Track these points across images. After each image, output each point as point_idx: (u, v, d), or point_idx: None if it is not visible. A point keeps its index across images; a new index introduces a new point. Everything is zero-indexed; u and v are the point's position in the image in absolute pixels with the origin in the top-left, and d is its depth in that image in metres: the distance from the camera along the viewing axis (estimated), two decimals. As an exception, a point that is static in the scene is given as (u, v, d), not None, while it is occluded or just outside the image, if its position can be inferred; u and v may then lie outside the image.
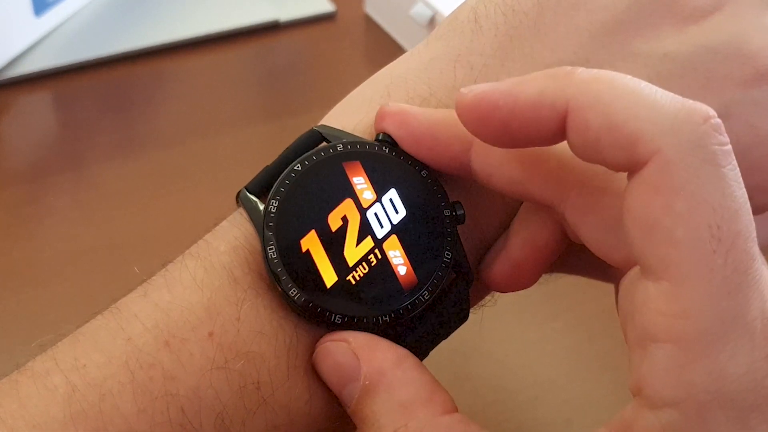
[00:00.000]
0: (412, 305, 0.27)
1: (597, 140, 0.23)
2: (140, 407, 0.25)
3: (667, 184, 0.22)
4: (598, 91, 0.23)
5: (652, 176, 0.22)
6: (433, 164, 0.28)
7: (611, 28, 0.29)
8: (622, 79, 0.23)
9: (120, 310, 0.27)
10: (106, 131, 0.58)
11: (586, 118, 0.23)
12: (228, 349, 0.26)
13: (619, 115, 0.22)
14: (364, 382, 0.25)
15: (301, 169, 0.27)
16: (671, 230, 0.21)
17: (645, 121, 0.22)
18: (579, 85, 0.23)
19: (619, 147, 0.22)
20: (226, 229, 0.28)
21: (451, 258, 0.27)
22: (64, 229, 0.51)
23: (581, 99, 0.23)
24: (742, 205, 0.22)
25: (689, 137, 0.22)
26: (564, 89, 0.23)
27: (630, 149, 0.22)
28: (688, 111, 0.22)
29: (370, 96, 0.30)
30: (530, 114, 0.24)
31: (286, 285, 0.26)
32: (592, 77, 0.23)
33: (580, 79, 0.23)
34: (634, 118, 0.22)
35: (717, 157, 0.22)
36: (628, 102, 0.22)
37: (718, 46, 0.29)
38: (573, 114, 0.23)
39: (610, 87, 0.23)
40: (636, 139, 0.22)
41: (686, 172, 0.21)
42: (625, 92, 0.23)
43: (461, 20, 0.31)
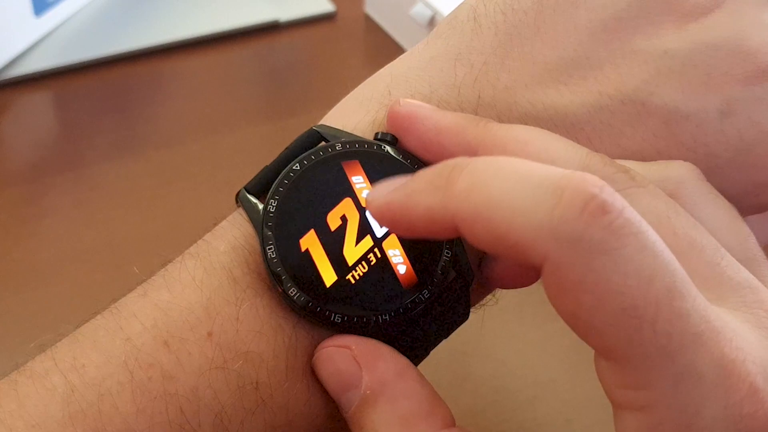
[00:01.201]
0: (412, 304, 0.27)
1: (492, 250, 0.22)
2: (139, 407, 0.25)
3: (565, 284, 0.21)
4: (475, 206, 0.22)
5: (551, 278, 0.21)
6: None
7: (611, 25, 0.29)
8: (498, 181, 0.22)
9: (119, 309, 0.27)
10: (106, 131, 0.58)
11: (473, 232, 0.22)
12: (227, 349, 0.26)
13: (500, 229, 0.21)
14: (365, 391, 0.25)
15: (300, 169, 0.27)
16: (589, 322, 0.21)
17: (524, 230, 0.21)
18: (458, 201, 0.22)
19: (513, 256, 0.22)
20: (226, 229, 0.28)
21: (451, 256, 0.27)
22: (64, 229, 0.51)
23: (462, 216, 0.22)
24: (655, 270, 0.21)
25: (571, 235, 0.21)
26: (447, 206, 0.23)
27: (523, 257, 0.22)
28: (566, 204, 0.21)
29: (369, 95, 0.30)
30: (427, 226, 0.23)
31: (286, 285, 0.26)
32: (469, 187, 0.22)
33: (458, 191, 0.22)
34: (514, 229, 0.21)
35: (607, 244, 0.20)
36: (505, 212, 0.21)
37: (718, 43, 0.29)
38: (461, 228, 0.22)
39: (487, 196, 0.22)
40: (522, 249, 0.21)
41: (578, 270, 0.21)
42: (502, 198, 0.22)
43: (461, 19, 0.31)
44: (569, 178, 0.21)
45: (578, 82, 0.29)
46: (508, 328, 0.47)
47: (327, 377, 0.26)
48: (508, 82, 0.29)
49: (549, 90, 0.29)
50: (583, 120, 0.28)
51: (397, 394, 0.25)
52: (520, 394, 0.44)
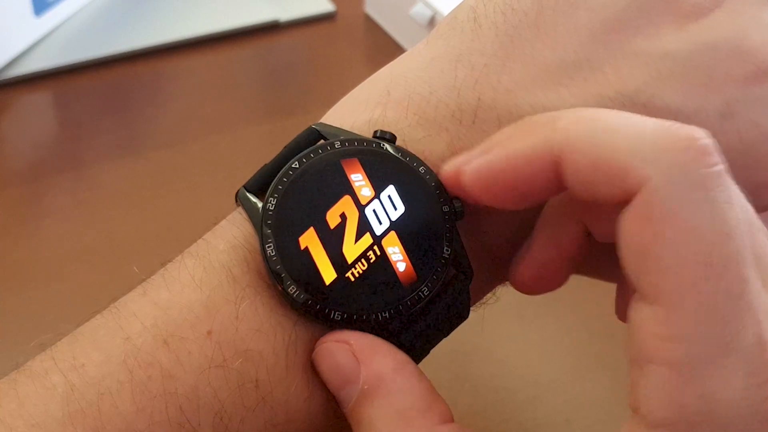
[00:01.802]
0: (411, 301, 0.27)
1: (590, 179, 0.23)
2: (139, 406, 0.25)
3: (655, 212, 0.22)
4: (582, 133, 0.23)
5: (641, 205, 0.22)
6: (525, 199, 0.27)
7: (611, 26, 0.29)
8: (603, 115, 0.24)
9: (119, 309, 0.27)
10: (106, 131, 0.58)
11: (575, 160, 0.23)
12: (226, 347, 0.26)
13: (605, 151, 0.23)
14: (363, 386, 0.25)
15: (299, 167, 0.27)
16: (661, 258, 0.22)
17: (630, 152, 0.22)
18: (563, 131, 0.24)
19: (611, 181, 0.23)
20: (226, 228, 0.28)
21: (450, 253, 0.27)
22: (64, 229, 0.51)
23: (568, 143, 0.23)
24: (734, 228, 0.22)
25: (675, 164, 0.22)
26: (550, 138, 0.24)
27: (621, 182, 0.22)
28: (673, 137, 0.22)
29: (368, 95, 0.30)
30: (530, 171, 0.24)
31: (286, 283, 0.26)
32: (574, 119, 0.24)
33: (562, 124, 0.24)
34: (620, 151, 0.22)
35: (705, 182, 0.22)
36: (611, 136, 0.23)
37: (718, 43, 0.29)
38: (564, 159, 0.23)
39: (593, 125, 0.23)
40: (625, 172, 0.22)
41: (674, 200, 0.21)
42: (608, 127, 0.23)
43: (461, 19, 0.31)
44: (673, 122, 0.23)
45: (579, 85, 0.29)
46: (508, 328, 0.47)
47: (326, 372, 0.26)
48: (508, 85, 0.29)
49: (549, 92, 0.28)
50: None
51: (395, 389, 0.25)
52: (520, 394, 0.44)
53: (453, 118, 0.29)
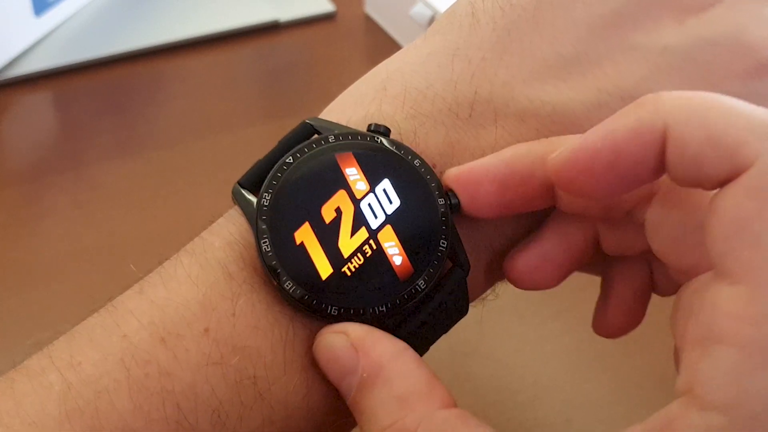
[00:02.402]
0: (408, 295, 0.27)
1: (697, 155, 0.22)
2: (136, 404, 0.25)
3: (763, 189, 0.21)
4: (693, 107, 0.23)
5: (750, 180, 0.22)
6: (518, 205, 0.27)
7: (610, 21, 0.29)
8: (710, 95, 0.23)
9: (116, 307, 0.27)
10: (106, 131, 0.58)
11: (685, 134, 0.23)
12: (224, 344, 0.26)
13: (719, 126, 0.22)
14: (362, 374, 0.25)
15: (293, 162, 0.27)
16: (760, 235, 0.21)
17: (744, 129, 0.22)
18: (672, 105, 0.23)
19: (720, 157, 0.22)
20: (222, 225, 0.28)
21: (447, 247, 0.27)
22: (64, 229, 0.51)
23: (677, 117, 0.23)
24: None
25: None
26: (657, 111, 0.23)
27: (731, 158, 0.22)
28: None
29: (364, 91, 0.30)
30: (633, 146, 0.24)
31: (281, 278, 0.26)
32: (683, 96, 0.23)
33: (671, 99, 0.23)
34: (733, 126, 0.22)
35: None
36: (724, 113, 0.22)
37: (718, 38, 0.28)
38: (672, 132, 0.23)
39: (703, 102, 0.23)
40: (737, 147, 0.22)
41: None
42: (719, 105, 0.23)
43: (459, 14, 0.31)
44: None
45: (577, 79, 0.29)
46: (508, 328, 0.47)
47: (326, 364, 0.26)
48: (505, 78, 0.29)
49: (547, 86, 0.28)
50: (581, 117, 0.28)
51: (393, 375, 0.25)
52: (520, 394, 0.43)
53: (450, 112, 0.29)
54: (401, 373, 0.25)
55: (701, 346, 0.22)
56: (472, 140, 0.28)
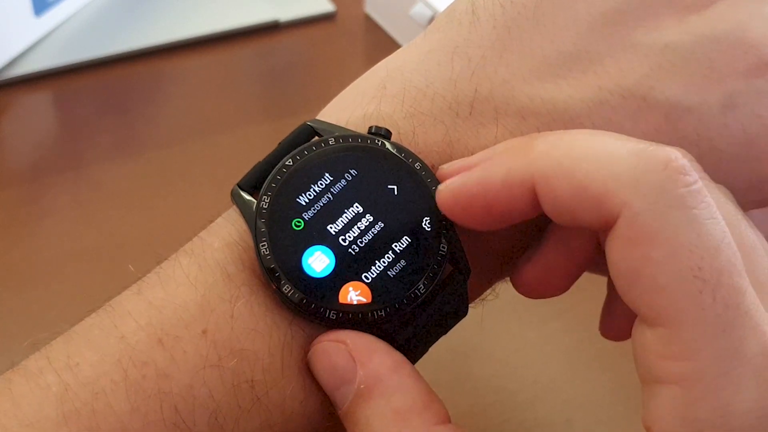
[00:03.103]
0: (407, 299, 0.27)
1: (567, 206, 0.23)
2: (133, 406, 0.25)
3: (639, 235, 0.22)
4: (557, 159, 0.23)
5: (624, 230, 0.22)
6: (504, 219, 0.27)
7: (611, 18, 0.29)
8: (579, 140, 0.24)
9: (113, 308, 0.27)
10: (106, 131, 0.58)
11: (552, 187, 0.23)
12: (222, 346, 0.25)
13: (582, 179, 0.23)
14: (359, 385, 0.25)
15: (292, 164, 0.27)
16: (654, 278, 0.22)
17: (607, 178, 0.22)
18: (539, 158, 0.24)
19: (589, 208, 0.23)
20: (221, 226, 0.28)
21: (447, 250, 0.27)
22: (64, 229, 0.51)
23: (544, 171, 0.24)
24: (721, 241, 0.22)
25: (652, 186, 0.22)
26: (527, 164, 0.24)
27: (599, 209, 0.22)
28: (648, 159, 0.22)
29: (364, 90, 0.30)
30: (505, 195, 0.25)
31: (280, 281, 0.26)
32: (550, 146, 0.24)
33: (538, 151, 0.24)
34: (596, 178, 0.22)
35: (684, 200, 0.22)
36: (587, 163, 0.23)
37: (720, 35, 0.28)
38: (540, 186, 0.24)
39: (568, 151, 0.23)
40: (602, 198, 0.22)
41: (656, 221, 0.22)
42: (584, 153, 0.23)
43: (459, 12, 0.30)
44: (649, 144, 0.23)
45: (578, 77, 0.28)
46: (508, 328, 0.46)
47: (321, 372, 0.26)
48: (506, 76, 0.29)
49: (548, 84, 0.28)
50: (582, 115, 0.28)
51: (392, 389, 0.25)
52: (520, 394, 0.43)
53: (450, 110, 0.28)
54: (400, 386, 0.25)
55: (648, 386, 0.23)
56: (473, 139, 0.28)
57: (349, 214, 0.27)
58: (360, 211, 0.27)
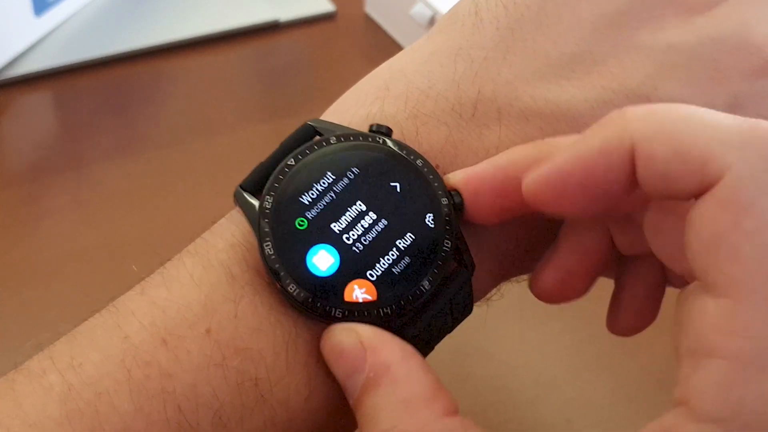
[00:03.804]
0: (413, 295, 0.27)
1: (666, 169, 0.22)
2: (137, 405, 0.25)
3: (737, 200, 0.21)
4: (658, 121, 0.23)
5: (722, 193, 0.22)
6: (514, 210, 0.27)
7: (614, 19, 0.29)
8: (677, 107, 0.23)
9: (117, 307, 0.27)
10: (106, 131, 0.58)
11: (652, 149, 0.23)
12: (225, 346, 0.25)
13: (685, 139, 0.22)
14: (369, 374, 0.25)
15: (294, 164, 0.27)
16: (738, 247, 0.21)
17: (712, 140, 0.22)
18: (638, 121, 0.23)
19: (689, 171, 0.22)
20: (224, 227, 0.28)
21: (451, 247, 0.27)
22: (64, 229, 0.51)
23: (644, 133, 0.23)
24: None
25: (759, 153, 0.21)
26: (624, 129, 0.23)
27: (700, 171, 0.22)
28: (752, 128, 0.22)
29: (366, 91, 0.30)
30: (602, 165, 0.24)
31: (284, 281, 0.26)
32: (648, 110, 0.23)
33: (636, 115, 0.23)
34: (701, 139, 0.22)
35: None
36: (691, 125, 0.22)
37: (724, 36, 0.28)
38: (639, 149, 0.23)
39: (669, 115, 0.23)
40: (706, 160, 0.22)
41: (757, 189, 0.21)
42: (686, 117, 0.22)
43: (462, 13, 0.31)
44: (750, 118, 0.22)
45: (581, 77, 0.28)
46: (508, 328, 0.47)
47: (333, 360, 0.26)
48: (509, 77, 0.29)
49: (551, 85, 0.28)
50: (586, 115, 0.28)
51: (400, 378, 0.25)
52: (521, 394, 0.44)
53: (452, 112, 0.28)
54: (407, 376, 0.25)
55: (693, 359, 0.22)
56: (476, 140, 0.28)
57: (353, 213, 0.27)
58: (363, 209, 0.27)
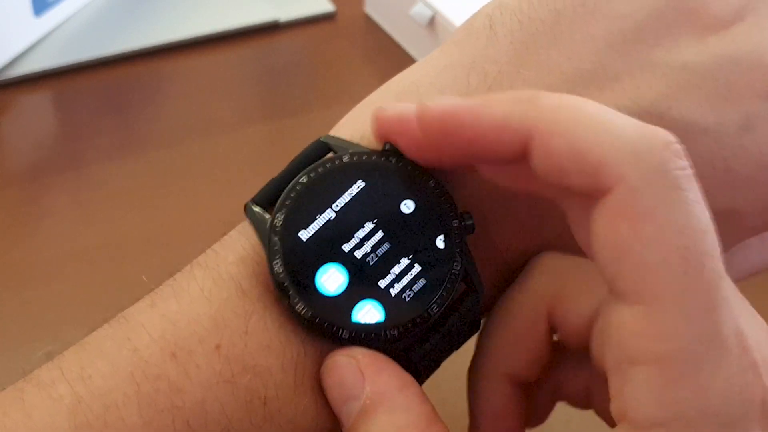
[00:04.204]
0: (421, 319, 0.27)
1: (561, 166, 0.23)
2: (145, 419, 0.25)
3: (633, 210, 0.22)
4: (562, 119, 0.23)
5: (618, 203, 0.22)
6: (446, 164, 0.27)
7: (629, 36, 0.29)
8: (585, 106, 0.23)
9: (127, 319, 0.27)
10: (106, 131, 0.58)
11: (549, 144, 0.23)
12: (235, 362, 0.25)
13: (583, 143, 0.22)
14: (366, 401, 0.25)
15: (306, 181, 0.27)
16: (642, 255, 0.22)
17: (608, 148, 0.22)
18: (544, 112, 0.23)
19: (583, 174, 0.22)
20: (235, 239, 0.28)
21: (461, 269, 0.27)
22: (64, 229, 0.51)
23: (546, 126, 0.23)
24: (706, 227, 0.22)
25: (651, 163, 0.22)
26: (528, 115, 0.23)
27: (594, 176, 0.22)
28: (650, 137, 0.22)
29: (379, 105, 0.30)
30: (493, 136, 0.24)
31: (293, 299, 0.26)
32: (557, 104, 0.23)
33: (544, 105, 0.23)
34: (597, 145, 0.22)
35: (679, 182, 0.22)
36: (591, 130, 0.23)
37: (739, 56, 0.28)
38: (537, 140, 0.23)
39: (574, 114, 0.23)
40: (600, 167, 0.22)
41: (651, 198, 0.22)
42: (589, 120, 0.23)
43: (476, 27, 0.30)
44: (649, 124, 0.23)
45: (594, 94, 0.28)
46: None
47: (330, 386, 0.26)
48: None
49: None
50: None
51: (396, 407, 0.25)
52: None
53: None
54: (405, 405, 0.25)
55: (621, 371, 0.22)
56: None
57: (363, 232, 0.27)
58: (374, 228, 0.27)
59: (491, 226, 0.29)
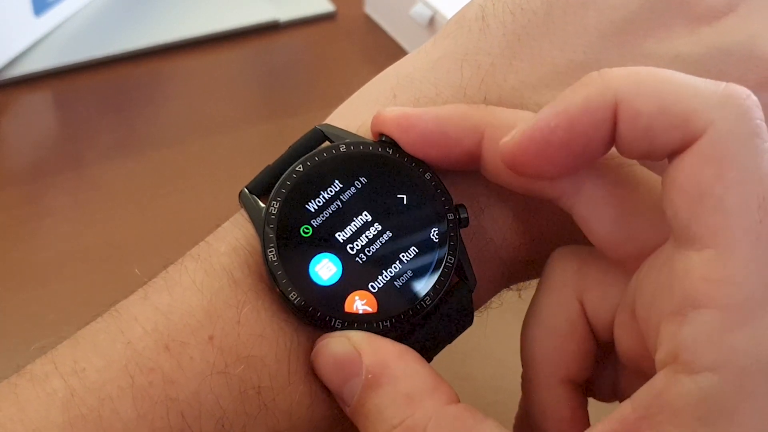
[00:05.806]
0: (413, 310, 0.27)
1: (650, 125, 0.23)
2: (140, 412, 0.25)
3: (719, 154, 0.22)
4: (642, 80, 0.23)
5: (705, 147, 0.22)
6: (441, 163, 0.27)
7: (622, 27, 0.29)
8: (657, 69, 0.24)
9: (120, 312, 0.26)
10: (106, 131, 0.58)
11: (637, 105, 0.23)
12: (228, 353, 0.25)
13: (669, 97, 0.23)
14: (367, 375, 0.25)
15: (302, 170, 0.27)
16: (722, 198, 0.22)
17: (695, 98, 0.22)
18: (621, 79, 0.23)
19: (673, 126, 0.23)
20: (227, 230, 0.28)
21: (454, 262, 0.27)
22: (64, 229, 0.51)
23: (628, 89, 0.23)
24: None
25: (737, 111, 0.22)
26: (607, 87, 0.23)
27: (683, 127, 0.22)
28: (732, 88, 0.23)
29: (375, 96, 0.30)
30: (586, 122, 0.24)
31: (286, 287, 0.26)
32: (630, 70, 0.24)
33: (618, 74, 0.24)
34: (683, 97, 0.23)
35: (761, 131, 0.22)
36: (673, 84, 0.23)
37: (731, 47, 0.28)
38: (623, 105, 0.23)
39: (653, 75, 0.23)
40: (688, 116, 0.22)
41: (737, 144, 0.22)
42: (670, 77, 0.23)
43: (469, 18, 0.30)
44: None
45: None
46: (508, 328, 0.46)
47: (327, 369, 0.26)
48: (515, 83, 0.29)
49: (557, 92, 0.28)
50: None
51: (399, 374, 0.25)
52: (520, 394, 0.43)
53: None
54: (406, 371, 0.25)
55: (680, 315, 0.22)
56: None
57: (358, 223, 0.27)
58: (369, 219, 0.27)
59: (486, 220, 0.29)
